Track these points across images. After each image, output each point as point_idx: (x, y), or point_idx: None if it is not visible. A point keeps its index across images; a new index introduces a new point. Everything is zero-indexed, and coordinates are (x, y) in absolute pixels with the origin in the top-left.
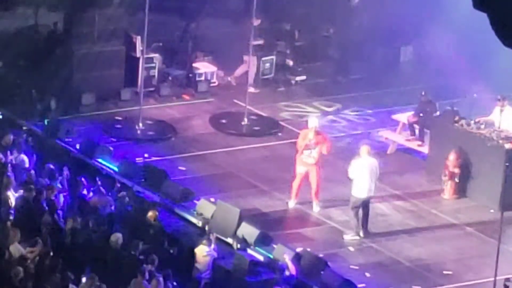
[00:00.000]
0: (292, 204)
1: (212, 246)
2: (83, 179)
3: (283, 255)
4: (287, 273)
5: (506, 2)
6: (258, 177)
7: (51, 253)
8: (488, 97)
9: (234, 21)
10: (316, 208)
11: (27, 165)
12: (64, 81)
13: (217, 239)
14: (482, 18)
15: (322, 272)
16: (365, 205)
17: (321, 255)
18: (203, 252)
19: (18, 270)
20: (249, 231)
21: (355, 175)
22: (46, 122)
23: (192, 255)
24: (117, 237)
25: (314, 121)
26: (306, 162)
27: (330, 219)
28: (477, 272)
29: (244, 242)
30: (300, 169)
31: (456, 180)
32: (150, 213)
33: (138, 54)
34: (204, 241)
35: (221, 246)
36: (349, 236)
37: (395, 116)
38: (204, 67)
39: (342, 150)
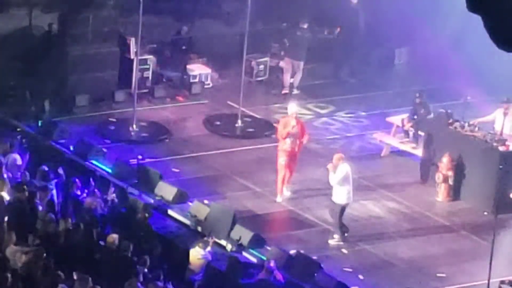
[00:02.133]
0: (279, 199)
1: (208, 249)
2: (77, 180)
3: (271, 262)
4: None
5: (501, 5)
6: (252, 179)
7: (44, 254)
8: (483, 100)
9: (229, 23)
10: (286, 193)
11: (19, 163)
12: (58, 82)
13: (215, 243)
14: (477, 21)
15: (315, 275)
16: (343, 211)
17: (314, 257)
18: (198, 255)
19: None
20: (242, 233)
21: (334, 183)
22: (40, 124)
23: (186, 257)
24: (113, 238)
25: (293, 107)
26: (287, 150)
27: (324, 221)
28: (471, 275)
29: (237, 244)
30: (281, 160)
31: (450, 182)
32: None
33: (132, 56)
34: (200, 244)
35: (215, 248)
36: (334, 241)
37: (389, 119)
38: (198, 69)
39: (335, 153)
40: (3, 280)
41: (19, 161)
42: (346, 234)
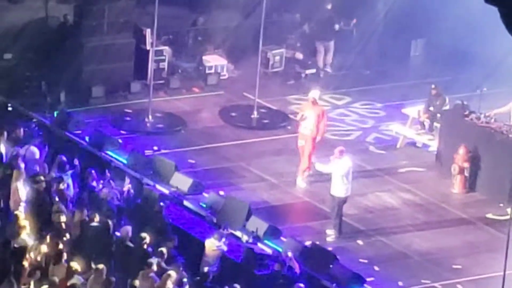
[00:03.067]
0: (300, 181)
1: (223, 240)
2: (93, 171)
3: (288, 252)
4: (290, 264)
5: None
6: (268, 170)
7: (60, 245)
8: (499, 91)
9: (245, 14)
10: (301, 184)
11: (37, 156)
12: (74, 73)
13: (230, 234)
14: (493, 12)
15: (331, 266)
16: (343, 204)
17: (330, 249)
18: (213, 246)
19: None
20: (258, 224)
21: (335, 176)
22: (55, 115)
23: (201, 248)
24: (126, 230)
25: (313, 92)
26: (302, 133)
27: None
28: (487, 267)
29: (253, 235)
30: (300, 142)
31: (466, 174)
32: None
33: (148, 47)
34: (216, 235)
35: (230, 239)
36: (331, 237)
37: (405, 110)
38: (214, 60)
39: (353, 144)
40: (20, 270)
41: (37, 155)
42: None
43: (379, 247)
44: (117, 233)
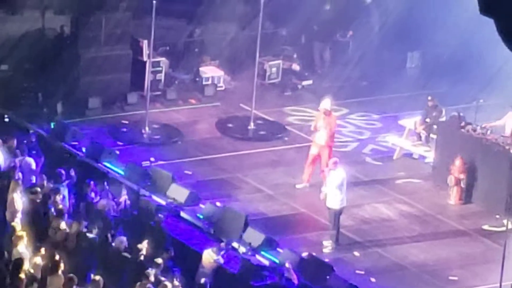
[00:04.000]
0: (300, 186)
1: (222, 253)
2: (92, 182)
3: (286, 263)
4: (288, 275)
5: None
6: (264, 181)
7: (57, 256)
8: (495, 103)
9: (241, 26)
10: (298, 186)
11: (33, 167)
12: (70, 84)
13: (229, 244)
14: (489, 24)
15: (327, 277)
16: (340, 215)
17: (326, 260)
18: (210, 258)
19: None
20: (254, 235)
21: (329, 188)
22: (52, 126)
23: (198, 260)
24: (121, 241)
25: (324, 102)
26: (315, 143)
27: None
28: (483, 278)
29: (249, 246)
30: (312, 150)
31: (462, 185)
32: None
33: (145, 58)
34: (215, 248)
35: (227, 251)
36: (327, 249)
37: (401, 121)
38: (211, 71)
39: (349, 155)
40: (17, 282)
41: (33, 166)
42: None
43: (376, 259)
44: (113, 244)
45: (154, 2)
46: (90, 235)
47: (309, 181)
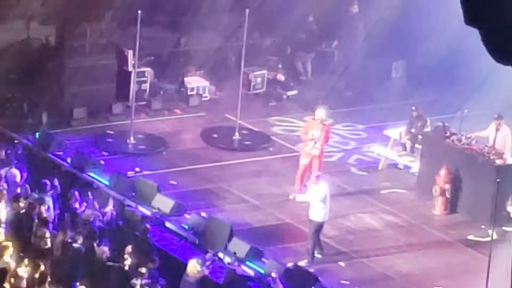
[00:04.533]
0: (292, 196)
1: (207, 263)
2: (76, 192)
3: (271, 272)
4: (274, 286)
5: (498, 18)
6: (249, 191)
7: (42, 267)
8: (480, 113)
9: (226, 36)
10: (290, 196)
11: (18, 178)
12: (55, 94)
13: (215, 256)
14: (474, 34)
15: (312, 287)
16: (321, 228)
17: (311, 270)
18: (194, 269)
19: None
20: (240, 245)
21: (312, 201)
22: (37, 136)
23: (182, 270)
24: (103, 251)
25: (320, 112)
26: (310, 153)
27: (321, 234)
28: None
29: (235, 256)
30: (303, 161)
31: (447, 195)
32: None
33: (130, 68)
34: (200, 260)
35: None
36: (303, 262)
37: (386, 132)
38: (196, 81)
39: (334, 165)
40: None
41: (18, 177)
42: (320, 256)
43: (361, 269)
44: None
45: (139, 12)
46: (75, 245)
47: (301, 189)
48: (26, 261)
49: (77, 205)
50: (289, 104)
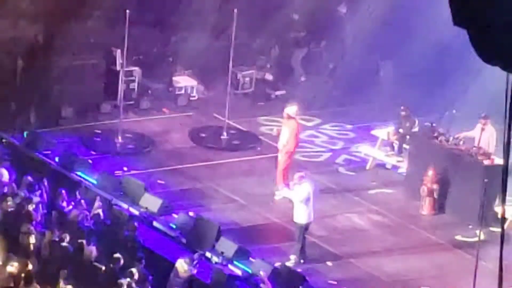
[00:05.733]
0: (277, 196)
1: (195, 262)
2: (63, 191)
3: (260, 272)
4: (262, 286)
5: (486, 19)
6: (237, 191)
7: (29, 266)
8: (468, 114)
9: (215, 35)
10: (277, 194)
11: (6, 178)
12: (43, 94)
13: (202, 256)
14: (463, 34)
15: (300, 287)
16: (306, 230)
17: (299, 270)
18: (182, 269)
19: None
20: (227, 245)
21: (295, 202)
22: (25, 135)
23: (170, 269)
24: (90, 251)
25: (288, 108)
26: (279, 148)
27: (309, 234)
28: None
29: (222, 256)
30: (278, 156)
31: (435, 196)
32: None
33: (118, 68)
34: (187, 259)
35: (200, 261)
36: (290, 262)
37: (374, 132)
38: (184, 81)
39: (322, 165)
40: None
41: (5, 176)
42: (302, 261)
43: (348, 269)
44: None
45: (127, 11)
46: (62, 244)
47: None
48: (14, 260)
49: (64, 204)
50: (277, 103)
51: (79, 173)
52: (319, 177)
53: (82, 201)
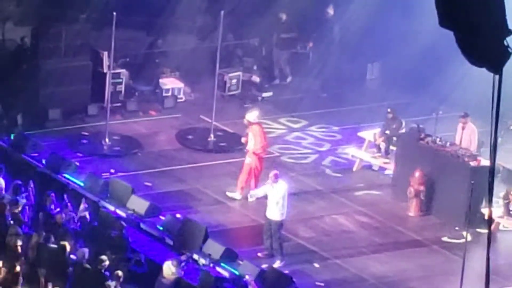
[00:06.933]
0: (250, 198)
1: (182, 264)
2: (52, 194)
3: (246, 275)
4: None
5: (472, 21)
6: (224, 193)
7: (17, 268)
8: (454, 115)
9: (201, 37)
10: (236, 196)
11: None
12: (30, 96)
13: (189, 258)
14: (449, 36)
15: None
16: (282, 227)
17: (286, 272)
18: (169, 271)
19: None
20: (214, 247)
21: (269, 200)
22: (12, 137)
23: (158, 271)
24: (83, 252)
25: (248, 114)
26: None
27: (296, 235)
28: None
29: (209, 258)
30: (246, 159)
31: (422, 197)
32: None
33: (105, 70)
34: (174, 261)
35: (188, 264)
36: (277, 264)
37: (361, 133)
38: (171, 83)
39: (309, 167)
40: None
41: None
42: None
43: (336, 270)
44: (73, 256)
45: (114, 13)
46: (49, 246)
47: (253, 187)
48: (0, 262)
49: (52, 206)
50: (264, 105)
51: (66, 175)
52: (306, 179)
53: (69, 203)
